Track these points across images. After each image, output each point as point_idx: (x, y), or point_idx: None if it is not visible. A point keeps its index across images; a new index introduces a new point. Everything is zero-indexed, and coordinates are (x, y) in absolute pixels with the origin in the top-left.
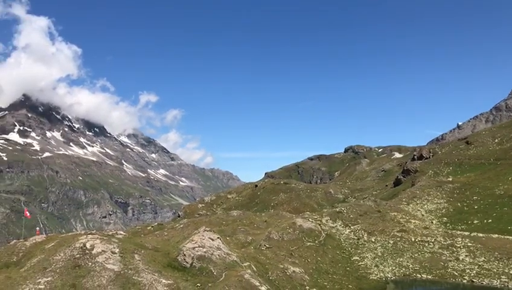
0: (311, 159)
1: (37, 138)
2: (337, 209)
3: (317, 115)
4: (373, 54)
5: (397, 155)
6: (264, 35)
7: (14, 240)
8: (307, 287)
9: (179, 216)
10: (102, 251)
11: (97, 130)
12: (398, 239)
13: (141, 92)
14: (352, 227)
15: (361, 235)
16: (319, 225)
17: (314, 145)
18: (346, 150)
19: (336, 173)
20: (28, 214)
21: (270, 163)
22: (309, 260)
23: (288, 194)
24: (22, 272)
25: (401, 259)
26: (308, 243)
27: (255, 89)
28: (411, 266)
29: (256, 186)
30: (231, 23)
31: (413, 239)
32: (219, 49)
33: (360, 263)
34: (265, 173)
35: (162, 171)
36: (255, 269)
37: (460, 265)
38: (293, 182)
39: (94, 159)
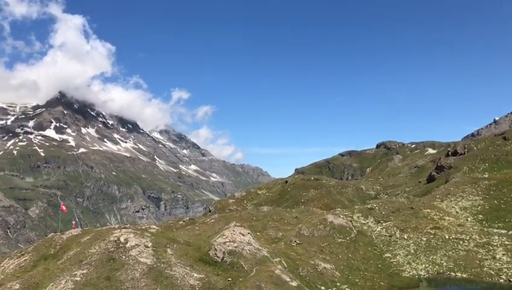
0: (342, 155)
1: (72, 134)
2: (369, 206)
3: (348, 110)
4: (407, 48)
5: (431, 151)
6: (295, 31)
7: (52, 233)
8: (338, 284)
9: (210, 211)
10: (136, 244)
11: (130, 126)
12: (431, 236)
13: (173, 89)
14: (384, 224)
15: (393, 232)
16: (350, 221)
17: (345, 141)
18: (378, 146)
19: (368, 169)
20: (65, 208)
21: (300, 159)
22: (340, 256)
23: (318, 191)
24: (59, 264)
25: (435, 257)
26: (339, 240)
27: (285, 85)
28: (445, 264)
29: (286, 182)
30: (263, 20)
31: (447, 237)
32: (250, 45)
33: (392, 260)
34: (296, 169)
35: (193, 166)
36: (285, 264)
37: (497, 264)
38: (323, 178)
39: (127, 154)
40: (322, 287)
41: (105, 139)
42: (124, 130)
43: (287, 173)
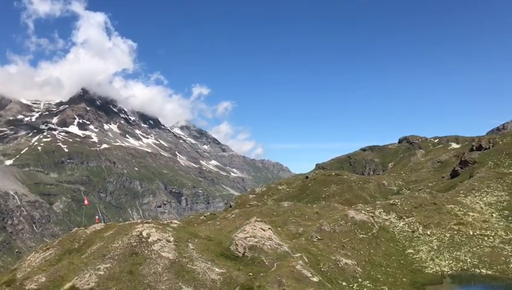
0: (363, 150)
1: (95, 130)
2: (391, 201)
3: (370, 105)
4: (428, 41)
5: (454, 146)
6: (314, 26)
7: (76, 228)
8: (360, 280)
9: (230, 206)
10: (158, 239)
11: (152, 122)
12: (455, 232)
13: (194, 85)
14: (406, 219)
15: (416, 228)
16: (372, 217)
17: (366, 136)
18: (400, 141)
19: (390, 164)
20: (88, 203)
21: (321, 154)
22: (362, 252)
23: (339, 186)
24: (83, 258)
25: (459, 253)
26: (361, 235)
27: (306, 80)
28: (469, 260)
29: (307, 177)
30: (281, 16)
31: (471, 233)
32: (269, 41)
33: (414, 256)
34: (316, 164)
35: (213, 162)
36: (306, 260)
37: None
38: (344, 173)
39: (149, 150)
40: (344, 283)
41: (127, 135)
42: (145, 126)
43: (307, 168)
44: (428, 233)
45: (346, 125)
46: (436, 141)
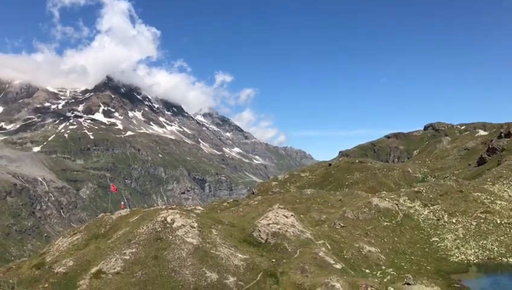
0: (388, 137)
1: (120, 117)
2: (416, 189)
3: (395, 91)
4: (453, 25)
5: (481, 133)
6: (336, 13)
7: (102, 214)
8: (383, 267)
9: (253, 193)
10: (182, 225)
11: (175, 109)
12: (481, 221)
13: (217, 72)
14: (431, 207)
15: (441, 216)
16: (396, 204)
17: (391, 123)
18: (425, 128)
19: (415, 151)
20: (114, 189)
21: (345, 141)
22: (385, 240)
23: (363, 173)
24: (109, 243)
25: (485, 242)
26: (385, 223)
27: (329, 67)
28: (496, 249)
29: (330, 165)
30: (304, 4)
31: (498, 221)
32: (292, 28)
33: (439, 245)
34: (340, 152)
35: (236, 149)
36: (329, 247)
37: None
38: (368, 160)
39: (173, 137)
40: (367, 271)
41: (151, 123)
42: (169, 113)
43: (331, 155)
44: (454, 221)
45: (370, 112)
46: (462, 127)
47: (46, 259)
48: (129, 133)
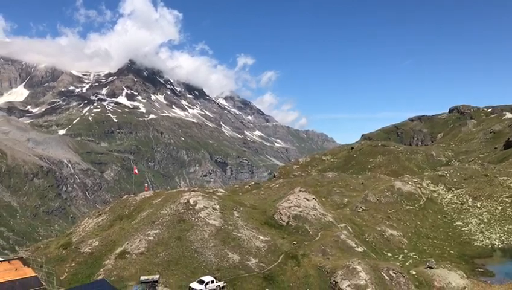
0: (411, 120)
1: (142, 101)
2: (440, 173)
3: (419, 73)
4: (479, 5)
5: (509, 115)
6: None
7: (126, 195)
8: (405, 251)
9: (274, 176)
10: (204, 207)
11: (197, 93)
12: (507, 205)
13: (238, 55)
14: (455, 191)
15: (465, 200)
16: (419, 188)
17: (415, 105)
18: (450, 111)
19: (439, 134)
20: (137, 171)
21: (368, 124)
22: (408, 223)
23: (386, 157)
24: (134, 224)
25: (511, 226)
26: (407, 207)
27: (352, 48)
28: None
29: (352, 148)
30: None
31: None
32: (314, 10)
33: (463, 229)
34: (362, 135)
35: (257, 132)
36: (351, 230)
37: None
38: (391, 144)
39: (194, 120)
40: (389, 254)
41: (173, 106)
42: (191, 96)
43: (353, 139)
44: (478, 205)
45: (393, 95)
46: (489, 110)
47: (73, 239)
48: (152, 116)
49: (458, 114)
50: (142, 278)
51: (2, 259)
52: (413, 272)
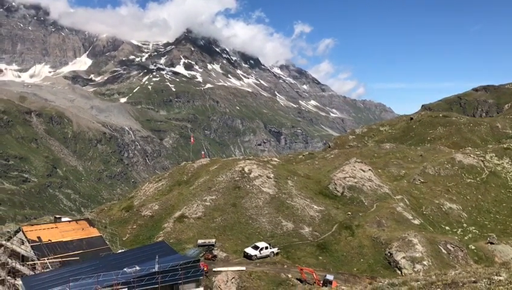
0: (476, 90)
1: (199, 70)
2: (505, 145)
3: (488, 41)
4: None
5: None
6: None
7: (184, 162)
8: (465, 225)
9: (329, 147)
10: (259, 175)
11: (252, 62)
12: None
13: (296, 22)
14: None
15: None
16: (482, 161)
17: (480, 75)
18: None
19: (506, 105)
20: (193, 140)
21: (428, 94)
22: (468, 197)
23: (447, 128)
24: (191, 190)
25: None
26: (468, 180)
27: (413, 14)
28: None
29: (411, 119)
30: None
31: None
32: None
33: None
34: (422, 105)
35: (312, 102)
36: (407, 202)
37: None
38: (453, 115)
39: (249, 90)
40: (447, 227)
41: (229, 75)
42: (246, 66)
43: (412, 109)
44: None
45: (457, 63)
46: None
47: (134, 203)
48: (208, 85)
49: None
50: (200, 241)
51: (70, 219)
52: (473, 247)
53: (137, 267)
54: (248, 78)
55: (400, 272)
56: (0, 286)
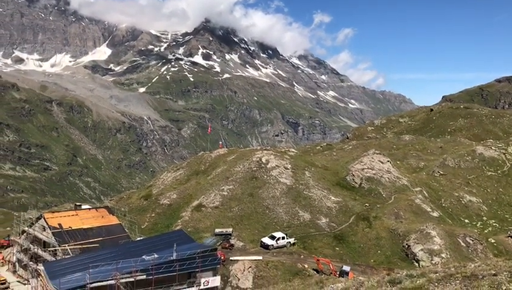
0: (499, 81)
1: (217, 60)
2: None
3: (510, 30)
4: None
5: None
6: None
7: (202, 152)
8: (484, 218)
9: (347, 138)
10: (276, 165)
11: (270, 52)
12: None
13: (315, 12)
14: None
15: None
16: (504, 154)
17: (504, 66)
18: None
19: None
20: (210, 130)
21: (449, 86)
22: (488, 190)
23: (468, 120)
24: (209, 179)
25: None
26: (489, 173)
27: (434, 3)
28: None
29: (431, 110)
30: None
31: None
32: None
33: None
34: (443, 97)
35: (331, 93)
36: (426, 194)
37: None
38: (474, 106)
39: (267, 80)
40: (466, 220)
41: (247, 66)
42: (264, 56)
43: (433, 100)
44: None
45: (479, 54)
46: None
47: (153, 191)
48: (226, 75)
49: None
50: (217, 230)
51: (90, 207)
52: (493, 240)
53: (156, 255)
54: (266, 68)
55: (417, 265)
56: (23, 270)
